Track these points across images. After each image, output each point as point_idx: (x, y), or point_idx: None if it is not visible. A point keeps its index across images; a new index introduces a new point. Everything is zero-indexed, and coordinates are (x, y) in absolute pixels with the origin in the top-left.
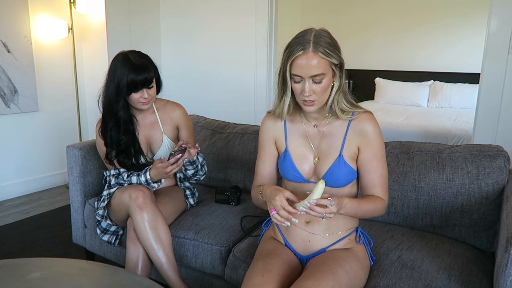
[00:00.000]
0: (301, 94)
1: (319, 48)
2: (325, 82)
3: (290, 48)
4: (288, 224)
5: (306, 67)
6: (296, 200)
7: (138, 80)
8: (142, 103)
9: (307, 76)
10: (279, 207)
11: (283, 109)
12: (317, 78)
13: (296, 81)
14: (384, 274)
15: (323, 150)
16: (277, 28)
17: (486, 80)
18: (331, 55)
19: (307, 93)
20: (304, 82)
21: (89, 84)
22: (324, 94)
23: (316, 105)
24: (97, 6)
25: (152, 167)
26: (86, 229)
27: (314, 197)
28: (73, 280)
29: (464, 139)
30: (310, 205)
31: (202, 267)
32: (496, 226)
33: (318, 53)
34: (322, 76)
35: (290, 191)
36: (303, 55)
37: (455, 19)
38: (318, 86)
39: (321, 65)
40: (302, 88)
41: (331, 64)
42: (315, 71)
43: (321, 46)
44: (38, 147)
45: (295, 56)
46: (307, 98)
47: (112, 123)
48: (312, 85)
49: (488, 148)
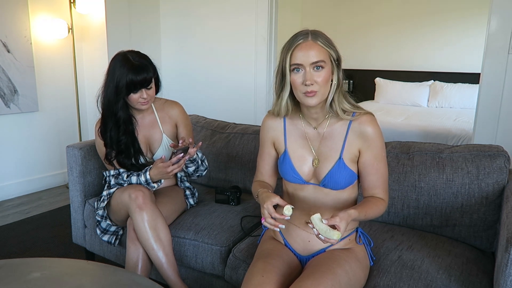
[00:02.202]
0: (302, 85)
1: (318, 39)
2: (325, 71)
3: (289, 42)
4: (278, 229)
5: (307, 55)
6: (283, 205)
7: (137, 80)
8: (141, 104)
9: (307, 64)
10: (266, 215)
11: (281, 104)
12: (317, 65)
13: (296, 71)
14: (384, 274)
15: (323, 152)
16: (277, 28)
17: (486, 80)
18: (330, 46)
19: (309, 81)
20: (305, 72)
21: (89, 84)
22: (325, 85)
23: (317, 97)
24: (97, 6)
25: (153, 167)
26: (86, 229)
27: (322, 234)
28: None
29: (464, 139)
30: (325, 238)
31: (202, 267)
32: (496, 226)
33: (317, 42)
34: (322, 63)
35: (290, 192)
36: (303, 43)
37: (455, 19)
38: (319, 74)
39: (321, 53)
40: (303, 78)
41: (330, 55)
42: (315, 58)
43: (320, 37)
44: (38, 147)
45: (296, 45)
46: (308, 89)
47: (111, 123)
48: (313, 73)
49: (488, 148)
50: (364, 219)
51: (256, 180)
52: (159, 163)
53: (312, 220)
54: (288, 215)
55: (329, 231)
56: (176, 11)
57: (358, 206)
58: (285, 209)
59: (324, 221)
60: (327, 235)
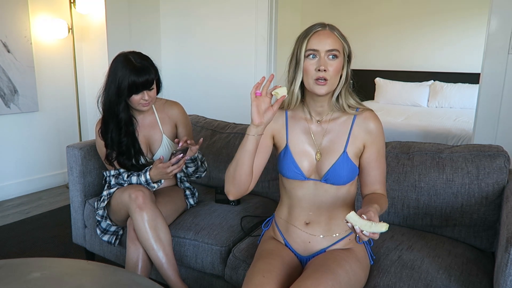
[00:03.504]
0: (315, 71)
1: (335, 30)
2: (338, 61)
3: (305, 31)
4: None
5: (324, 42)
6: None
7: (139, 82)
8: (143, 105)
9: (323, 50)
10: (253, 92)
11: (294, 92)
12: (332, 53)
13: (311, 57)
14: (384, 274)
15: (326, 146)
16: (277, 28)
17: (486, 80)
18: (345, 40)
19: (322, 67)
20: (319, 58)
21: (89, 84)
22: (336, 76)
23: (327, 86)
24: (97, 6)
25: (153, 167)
26: (86, 229)
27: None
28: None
29: (464, 139)
30: (370, 233)
31: (202, 267)
32: (496, 226)
33: (334, 32)
34: (337, 52)
35: (288, 190)
36: (321, 31)
37: (455, 19)
38: (333, 63)
39: (336, 43)
40: (317, 64)
41: (344, 48)
42: (331, 46)
43: (336, 30)
44: (38, 147)
45: (314, 31)
46: (321, 74)
47: (112, 124)
48: (327, 61)
49: (488, 148)
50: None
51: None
52: (158, 163)
53: (349, 219)
54: (280, 94)
55: (375, 225)
56: (176, 11)
57: (372, 203)
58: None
59: (364, 216)
60: (373, 229)
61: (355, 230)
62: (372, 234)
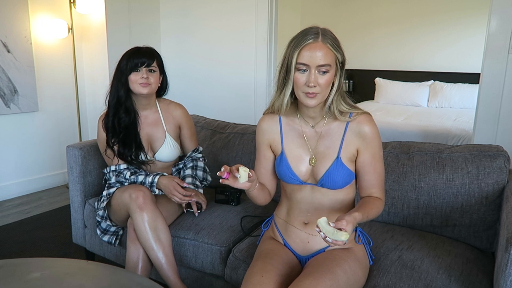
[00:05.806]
0: (304, 85)
1: (328, 40)
2: (329, 75)
3: (297, 39)
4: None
5: (315, 56)
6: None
7: (138, 57)
8: (142, 85)
9: (314, 65)
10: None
11: (283, 101)
12: (323, 68)
13: (301, 71)
14: (384, 274)
15: (320, 151)
16: (277, 28)
17: (486, 80)
18: (337, 50)
19: (312, 83)
20: (310, 72)
21: (89, 84)
22: (326, 89)
23: (317, 99)
24: (97, 6)
25: (167, 177)
26: (86, 229)
27: (330, 237)
28: (73, 280)
29: (464, 139)
30: (332, 240)
31: (202, 267)
32: (496, 226)
33: (327, 44)
34: (328, 67)
35: (288, 193)
36: (313, 43)
37: (455, 19)
38: (323, 78)
39: (328, 57)
40: (306, 79)
41: (336, 59)
42: (322, 61)
43: (329, 39)
44: (38, 147)
45: (305, 44)
46: (310, 90)
47: (115, 110)
48: (317, 76)
49: (488, 148)
50: (366, 220)
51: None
52: (176, 178)
53: (318, 224)
54: (240, 176)
55: (336, 233)
56: (176, 11)
57: (359, 208)
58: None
59: (331, 223)
60: (335, 236)
61: (321, 235)
62: (335, 241)
